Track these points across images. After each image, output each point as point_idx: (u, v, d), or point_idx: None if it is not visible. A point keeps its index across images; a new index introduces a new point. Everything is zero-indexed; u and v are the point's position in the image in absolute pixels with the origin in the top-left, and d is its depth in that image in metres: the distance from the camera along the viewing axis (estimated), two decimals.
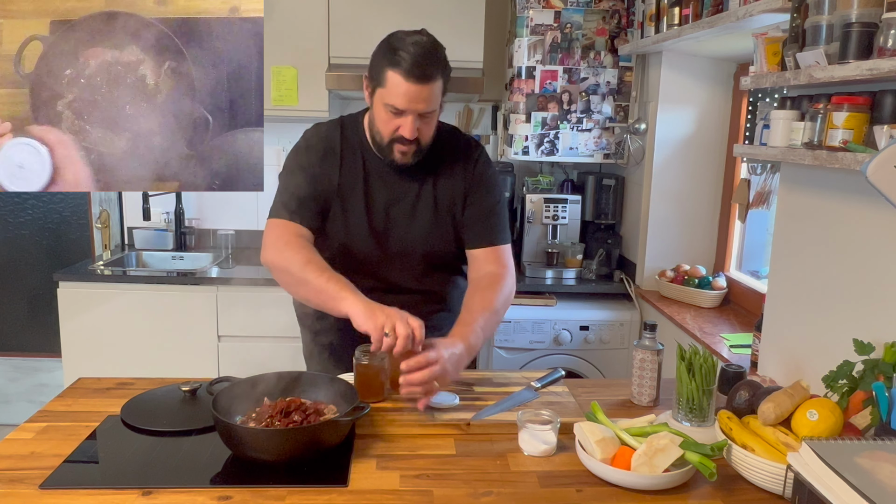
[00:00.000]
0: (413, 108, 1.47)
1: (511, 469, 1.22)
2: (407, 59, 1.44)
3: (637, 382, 1.50)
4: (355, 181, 1.61)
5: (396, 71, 1.45)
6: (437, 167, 1.63)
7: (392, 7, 2.76)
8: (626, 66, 2.89)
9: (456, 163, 1.64)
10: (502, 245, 1.65)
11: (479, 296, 1.55)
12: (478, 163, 1.66)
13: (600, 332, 2.76)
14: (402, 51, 1.45)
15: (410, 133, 1.49)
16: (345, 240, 1.62)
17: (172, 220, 3.23)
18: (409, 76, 1.44)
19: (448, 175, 1.63)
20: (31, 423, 1.36)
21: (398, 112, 1.49)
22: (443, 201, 1.63)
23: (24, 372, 3.40)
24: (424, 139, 1.54)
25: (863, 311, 1.41)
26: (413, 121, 1.49)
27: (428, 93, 1.47)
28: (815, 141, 1.41)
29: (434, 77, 1.47)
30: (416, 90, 1.45)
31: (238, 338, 2.77)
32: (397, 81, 1.45)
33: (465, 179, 1.64)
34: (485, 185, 1.65)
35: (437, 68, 1.47)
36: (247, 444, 1.18)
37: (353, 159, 1.63)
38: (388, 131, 1.52)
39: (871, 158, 1.14)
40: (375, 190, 1.62)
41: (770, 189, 2.25)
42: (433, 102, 1.49)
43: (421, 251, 1.63)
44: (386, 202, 1.62)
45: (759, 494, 1.15)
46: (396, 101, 1.47)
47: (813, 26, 1.40)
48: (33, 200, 3.29)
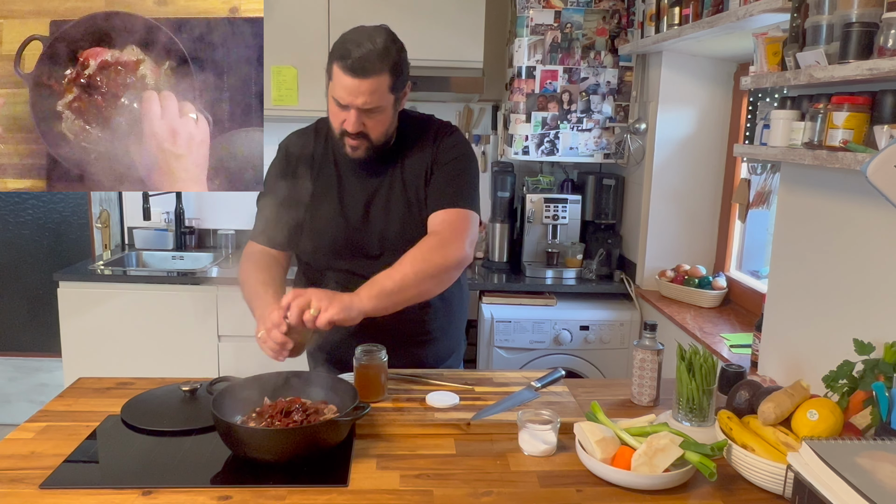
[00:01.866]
0: (353, 102, 1.45)
1: (511, 469, 1.22)
2: (350, 52, 1.42)
3: (637, 382, 1.50)
4: (329, 184, 1.61)
5: (338, 64, 1.44)
6: (404, 155, 1.61)
7: (392, 7, 2.76)
8: (627, 66, 2.89)
9: (423, 144, 1.62)
10: (454, 208, 1.55)
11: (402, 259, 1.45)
12: (446, 136, 1.63)
13: (600, 332, 2.76)
14: (348, 44, 1.43)
15: (352, 127, 1.48)
16: (328, 244, 1.61)
17: (172, 220, 3.23)
18: (348, 70, 1.42)
19: (415, 158, 1.61)
20: (32, 422, 1.36)
21: (343, 106, 1.47)
22: (412, 186, 1.60)
23: (25, 372, 3.40)
24: (374, 134, 1.52)
25: (863, 310, 1.41)
26: (356, 115, 1.47)
27: (368, 87, 1.43)
28: (816, 141, 1.41)
29: (375, 72, 1.43)
30: (355, 84, 1.43)
31: (238, 338, 2.77)
32: (339, 75, 1.44)
33: (431, 153, 1.61)
34: (451, 154, 1.60)
35: (382, 63, 1.43)
36: (247, 443, 1.18)
37: (326, 162, 1.63)
38: (336, 124, 1.52)
39: (872, 158, 1.14)
40: (350, 189, 1.61)
41: (770, 189, 2.25)
42: (376, 98, 1.46)
43: (403, 243, 1.60)
44: (363, 199, 1.61)
45: (760, 494, 1.15)
46: (338, 93, 1.46)
47: (813, 26, 1.40)
48: (33, 200, 3.29)
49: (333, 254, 1.62)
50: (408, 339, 1.66)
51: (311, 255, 1.65)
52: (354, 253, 1.61)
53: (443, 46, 2.80)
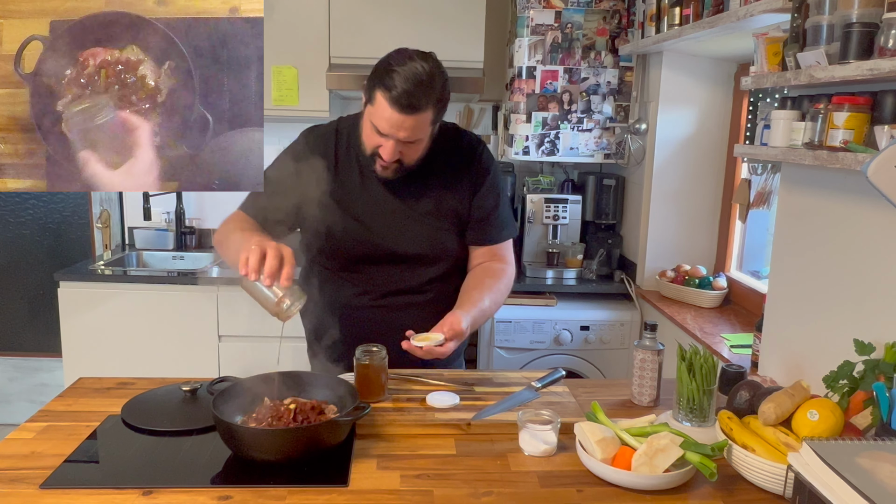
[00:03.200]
0: (394, 134, 1.44)
1: (511, 469, 1.22)
2: (398, 85, 1.38)
3: (637, 382, 1.50)
4: (351, 187, 1.60)
5: (385, 95, 1.40)
6: (438, 170, 1.61)
7: (393, 7, 2.76)
8: (627, 66, 2.89)
9: (459, 164, 1.63)
10: (504, 242, 1.68)
11: (480, 281, 1.59)
12: (481, 161, 1.65)
13: (601, 332, 2.76)
14: (397, 74, 1.39)
15: (388, 157, 1.47)
16: (346, 247, 1.61)
17: (173, 220, 3.23)
18: (395, 103, 1.39)
19: (451, 177, 1.62)
20: (32, 422, 1.36)
21: (382, 134, 1.46)
22: (446, 203, 1.61)
23: (25, 372, 3.40)
24: (408, 160, 1.52)
25: (863, 311, 1.41)
26: (394, 146, 1.46)
27: (412, 123, 1.42)
28: (816, 141, 1.41)
29: (422, 108, 1.41)
30: (400, 119, 1.41)
31: (238, 338, 2.77)
32: (383, 105, 1.41)
33: (470, 180, 1.62)
34: (488, 184, 1.64)
35: (429, 100, 1.41)
36: (247, 444, 1.18)
37: (349, 165, 1.61)
38: (370, 146, 1.51)
39: (872, 158, 1.14)
40: (373, 195, 1.60)
41: (770, 189, 2.25)
42: (418, 132, 1.45)
43: (425, 254, 1.62)
44: (388, 207, 1.60)
45: (760, 495, 1.15)
46: (380, 123, 1.44)
47: (813, 26, 1.40)
48: (34, 200, 3.29)
49: (351, 258, 1.61)
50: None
51: (327, 258, 1.64)
52: (374, 259, 1.61)
53: (443, 46, 2.78)
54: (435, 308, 1.65)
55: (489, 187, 1.65)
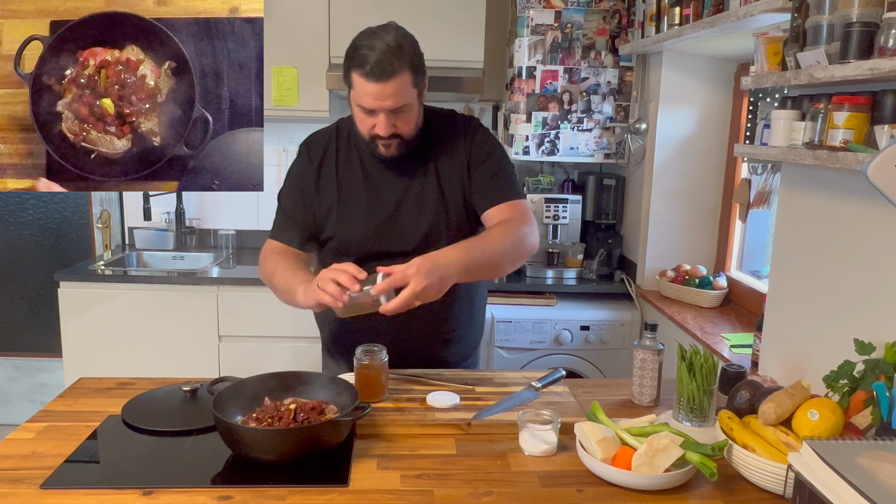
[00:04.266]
0: (380, 106, 1.45)
1: (512, 469, 1.22)
2: (366, 58, 1.41)
3: (638, 382, 1.50)
4: (355, 184, 1.61)
5: (358, 72, 1.43)
6: (436, 152, 1.61)
7: (392, 7, 2.75)
8: (627, 66, 2.88)
9: (454, 142, 1.62)
10: (515, 200, 1.60)
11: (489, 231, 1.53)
12: (476, 133, 1.64)
13: (601, 332, 2.76)
14: (362, 49, 1.42)
15: (384, 131, 1.48)
16: (357, 243, 1.61)
17: (173, 220, 3.23)
18: (369, 76, 1.42)
19: (448, 155, 1.61)
20: (32, 422, 1.36)
21: (370, 111, 1.48)
22: (448, 183, 1.61)
23: (25, 372, 3.40)
24: (406, 132, 1.52)
25: (864, 310, 1.41)
26: (386, 118, 1.47)
27: (392, 89, 1.43)
28: (816, 141, 1.41)
29: (397, 72, 1.43)
30: (379, 89, 1.43)
31: (238, 338, 2.77)
32: (361, 83, 1.44)
33: (465, 151, 1.62)
34: (485, 150, 1.62)
35: (402, 62, 1.43)
36: (247, 444, 1.18)
37: (351, 163, 1.62)
38: (365, 130, 1.52)
39: (872, 158, 1.14)
40: (379, 188, 1.61)
41: (771, 189, 2.25)
42: (402, 97, 1.46)
43: (435, 241, 1.60)
44: (393, 198, 1.60)
45: (760, 494, 1.15)
46: (364, 101, 1.46)
47: (814, 26, 1.40)
48: (34, 200, 3.29)
49: (362, 253, 1.61)
50: (432, 336, 1.66)
51: (338, 254, 1.64)
52: (384, 252, 1.60)
53: (443, 46, 2.80)
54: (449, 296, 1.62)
55: (487, 152, 1.62)
